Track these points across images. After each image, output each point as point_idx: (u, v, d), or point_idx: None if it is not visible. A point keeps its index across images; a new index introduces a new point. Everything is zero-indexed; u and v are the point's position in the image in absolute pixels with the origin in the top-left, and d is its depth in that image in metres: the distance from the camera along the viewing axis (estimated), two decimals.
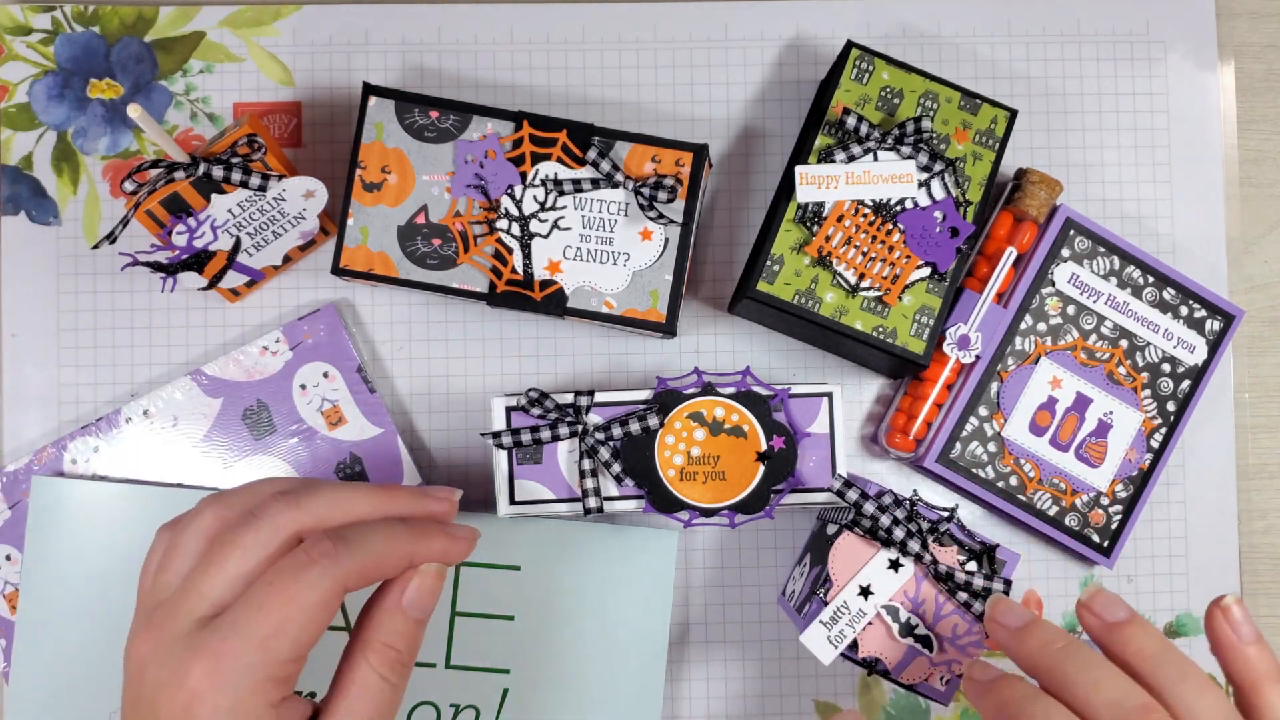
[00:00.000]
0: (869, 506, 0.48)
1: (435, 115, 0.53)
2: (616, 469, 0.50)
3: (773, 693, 0.57)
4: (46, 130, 0.57)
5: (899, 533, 0.48)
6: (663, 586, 0.55)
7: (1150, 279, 0.55)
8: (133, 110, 0.44)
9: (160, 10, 0.58)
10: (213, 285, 0.54)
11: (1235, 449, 0.59)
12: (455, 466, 0.57)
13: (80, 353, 0.57)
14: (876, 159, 0.52)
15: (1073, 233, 0.55)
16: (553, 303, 0.53)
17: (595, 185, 0.52)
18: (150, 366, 0.57)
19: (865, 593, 0.48)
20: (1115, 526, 0.55)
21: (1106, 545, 0.55)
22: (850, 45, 0.53)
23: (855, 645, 0.48)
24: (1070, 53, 0.59)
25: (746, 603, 0.57)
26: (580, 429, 0.50)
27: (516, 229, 0.52)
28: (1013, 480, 0.55)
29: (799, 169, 0.51)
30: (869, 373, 0.58)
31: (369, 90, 0.53)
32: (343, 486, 0.39)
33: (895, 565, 0.48)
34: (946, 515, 0.49)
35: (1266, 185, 0.61)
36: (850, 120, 0.52)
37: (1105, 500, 0.55)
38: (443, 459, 0.57)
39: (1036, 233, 0.55)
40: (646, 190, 0.52)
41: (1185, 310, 0.56)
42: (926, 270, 0.52)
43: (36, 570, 0.53)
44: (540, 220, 0.52)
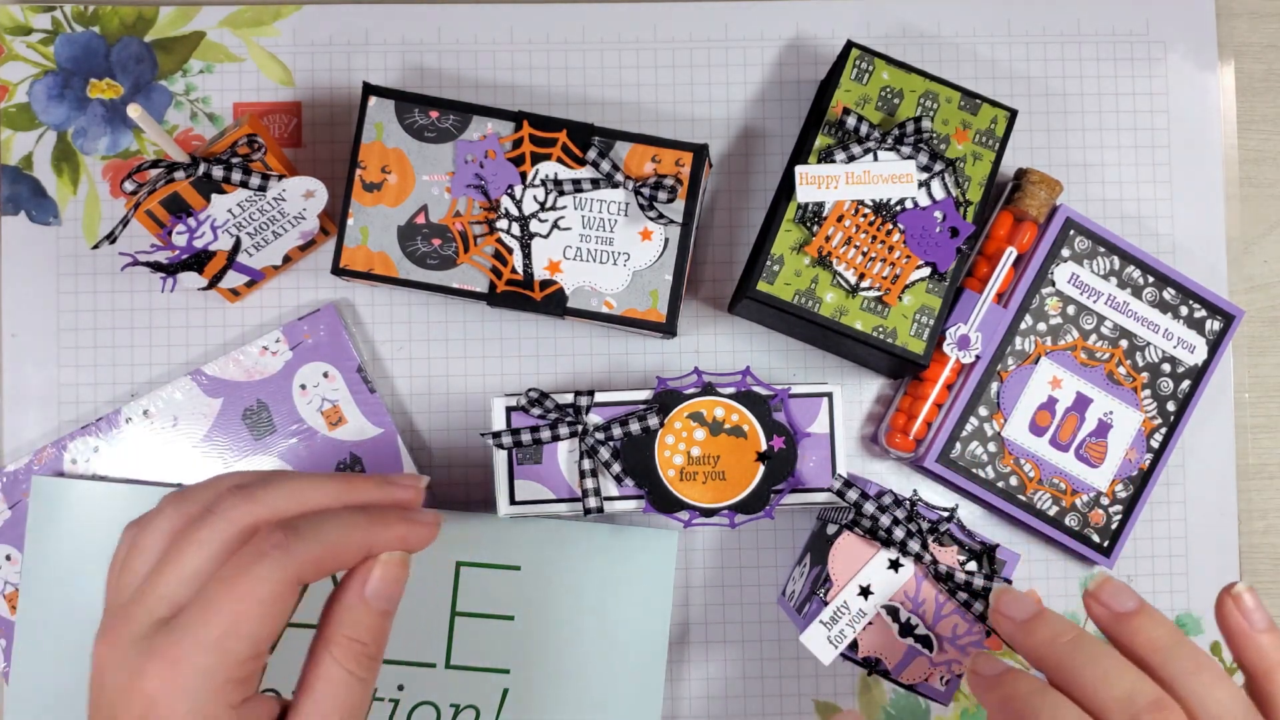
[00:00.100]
0: (869, 506, 0.48)
1: (435, 115, 0.53)
2: (616, 469, 0.50)
3: (773, 693, 0.57)
4: (46, 130, 0.57)
5: (899, 533, 0.48)
6: (663, 586, 0.55)
7: (1150, 279, 0.55)
8: (133, 110, 0.44)
9: (160, 10, 0.58)
10: (213, 285, 0.54)
11: (1235, 449, 0.59)
12: (455, 466, 0.57)
13: (80, 353, 0.57)
14: (876, 159, 0.52)
15: (1073, 233, 0.55)
16: (553, 303, 0.53)
17: (595, 185, 0.52)
18: (150, 366, 0.57)
19: (865, 593, 0.48)
20: (1115, 526, 0.55)
21: (1106, 545, 0.55)
22: (850, 45, 0.53)
23: (855, 645, 0.48)
24: (1070, 53, 0.59)
25: (746, 603, 0.57)
26: (580, 429, 0.50)
27: (516, 229, 0.52)
28: (1013, 480, 0.55)
29: (799, 169, 0.51)
30: (869, 373, 0.58)
31: (369, 90, 0.53)
32: (301, 477, 0.38)
33: (895, 565, 0.48)
34: (946, 515, 0.49)
35: (1266, 185, 0.61)
36: (850, 120, 0.52)
37: (1105, 500, 0.55)
38: (443, 459, 0.57)
39: (1036, 233, 0.55)
40: (646, 190, 0.52)
41: (1185, 310, 0.56)
42: (926, 270, 0.52)
43: (36, 570, 0.53)
44: (540, 220, 0.52)
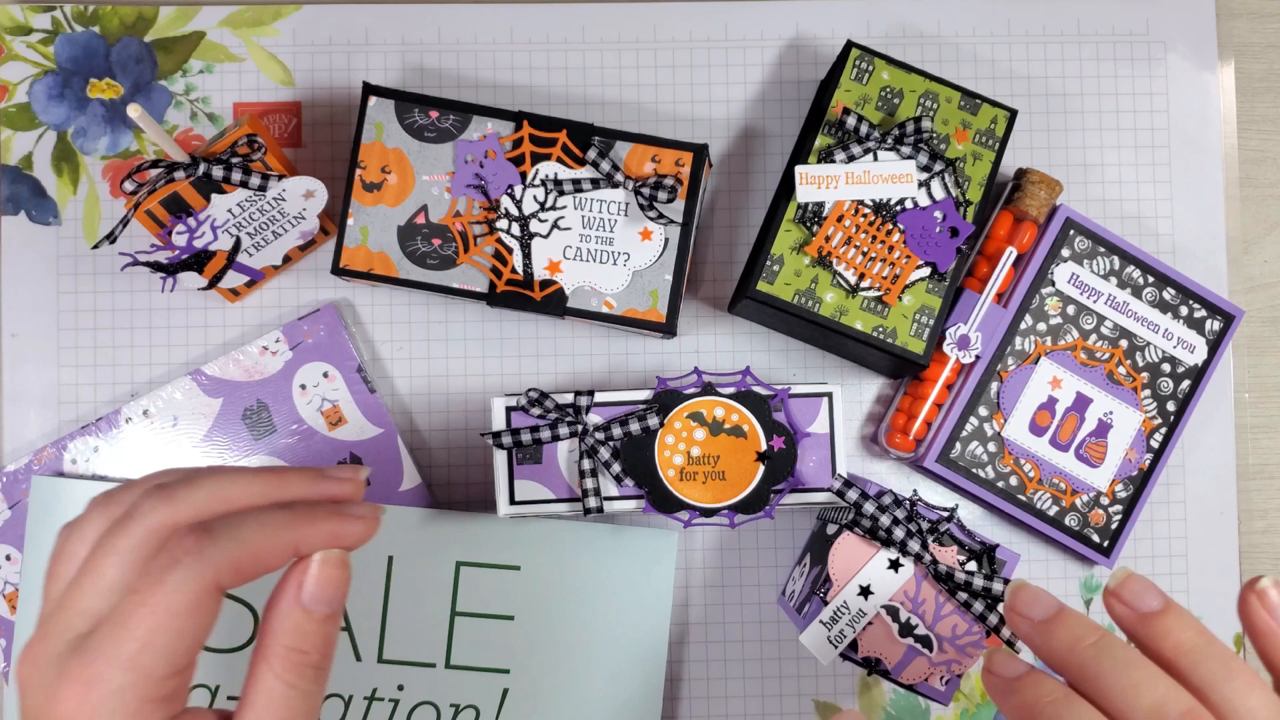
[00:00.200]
0: (869, 506, 0.48)
1: (435, 115, 0.53)
2: (616, 469, 0.50)
3: (773, 693, 0.57)
4: (46, 130, 0.57)
5: (899, 533, 0.48)
6: (663, 586, 0.55)
7: (1150, 279, 0.55)
8: (133, 110, 0.44)
9: (160, 10, 0.58)
10: (213, 285, 0.54)
11: (1235, 449, 0.59)
12: (455, 466, 0.57)
13: (80, 353, 0.57)
14: (876, 159, 0.52)
15: (1073, 233, 0.55)
16: (553, 303, 0.53)
17: (595, 185, 0.52)
18: (150, 366, 0.57)
19: (865, 593, 0.48)
20: (1115, 526, 0.55)
21: (1106, 545, 0.55)
22: (850, 45, 0.53)
23: (855, 645, 0.48)
24: (1070, 53, 0.59)
25: (746, 603, 0.57)
26: (580, 429, 0.50)
27: (516, 229, 0.52)
28: (1013, 480, 0.55)
29: (799, 169, 0.51)
30: (869, 373, 0.58)
31: (369, 90, 0.53)
32: (226, 473, 0.35)
33: (895, 565, 0.48)
34: (946, 515, 0.49)
35: (1266, 185, 0.61)
36: (850, 120, 0.52)
37: (1105, 500, 0.55)
38: (443, 459, 0.57)
39: (1036, 233, 0.55)
40: (646, 190, 0.52)
41: (1185, 310, 0.56)
42: (926, 270, 0.52)
43: (36, 570, 0.53)
44: (540, 220, 0.52)
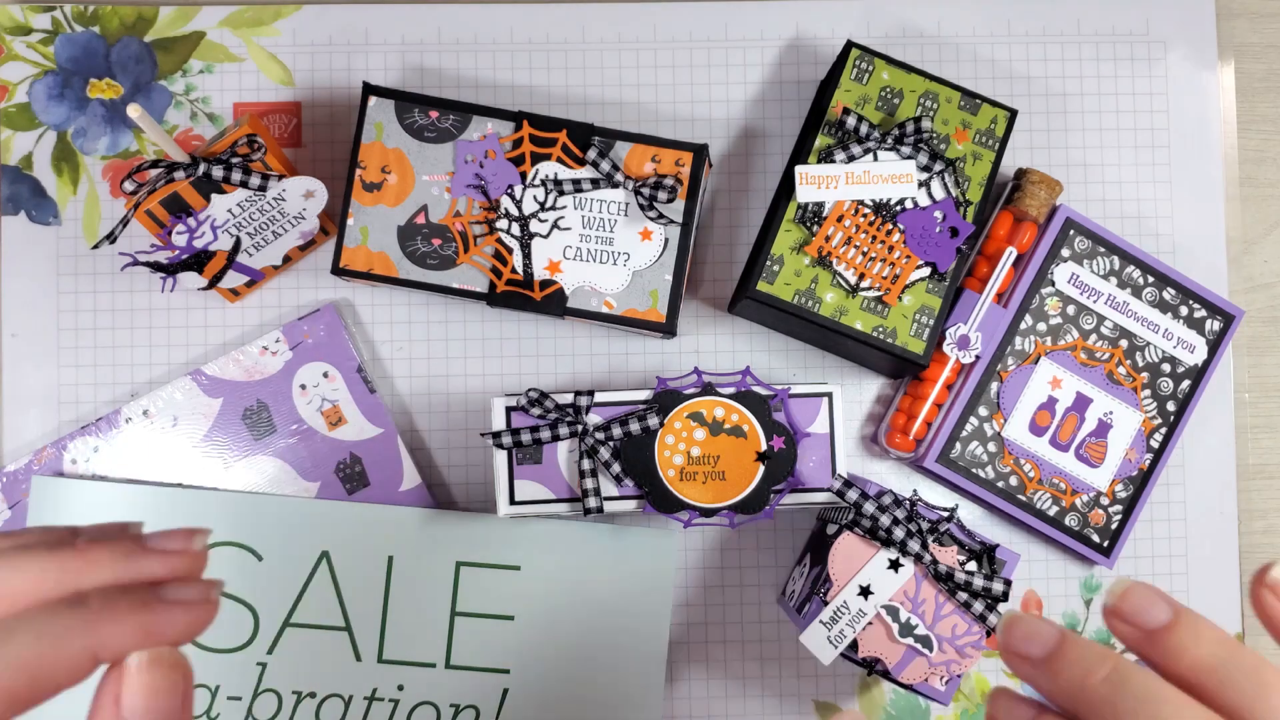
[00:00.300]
0: (869, 506, 0.48)
1: (435, 115, 0.53)
2: (616, 469, 0.50)
3: (773, 693, 0.57)
4: (46, 130, 0.57)
5: (899, 533, 0.48)
6: (663, 586, 0.55)
7: (1150, 279, 0.55)
8: (133, 110, 0.44)
9: (160, 10, 0.58)
10: (213, 285, 0.54)
11: (1235, 449, 0.59)
12: (455, 466, 0.57)
13: (80, 353, 0.57)
14: (876, 159, 0.52)
15: (1073, 233, 0.55)
16: (553, 303, 0.53)
17: (595, 185, 0.52)
18: (150, 366, 0.57)
19: (865, 593, 0.48)
20: (1115, 526, 0.55)
21: (1106, 545, 0.55)
22: (850, 45, 0.53)
23: (855, 645, 0.48)
24: (1070, 53, 0.59)
25: (746, 603, 0.57)
26: (580, 429, 0.50)
27: (516, 229, 0.52)
28: (1013, 480, 0.55)
29: (799, 169, 0.51)
30: (869, 373, 0.58)
31: (369, 90, 0.53)
32: (13, 558, 0.27)
33: (895, 565, 0.48)
34: (946, 515, 0.49)
35: (1266, 185, 0.61)
36: (850, 120, 0.52)
37: (1105, 500, 0.55)
38: (443, 459, 0.57)
39: (1036, 233, 0.55)
40: (646, 190, 0.52)
41: (1185, 310, 0.56)
42: (926, 270, 0.52)
43: None
44: (540, 220, 0.52)
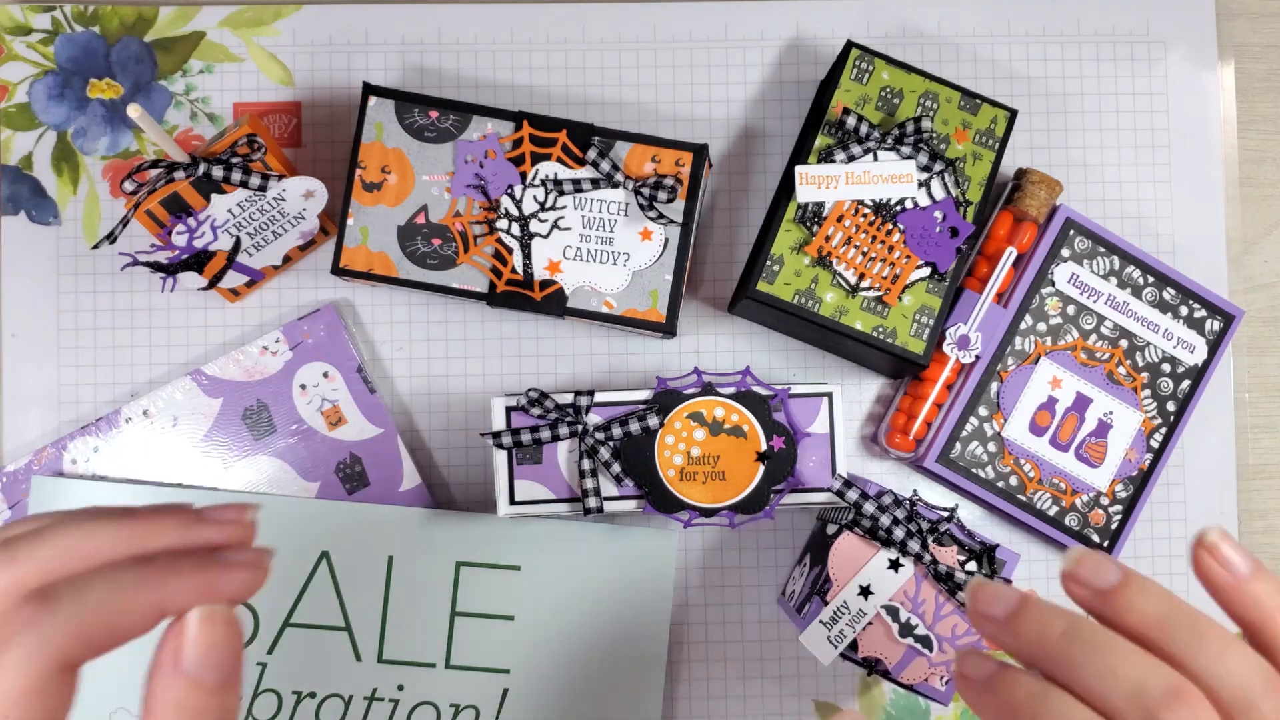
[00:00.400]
0: (869, 506, 0.48)
1: (435, 115, 0.53)
2: (616, 469, 0.50)
3: (773, 693, 0.57)
4: (46, 130, 0.57)
5: (899, 533, 0.48)
6: (663, 586, 0.55)
7: (1150, 279, 0.55)
8: (133, 110, 0.44)
9: (160, 10, 0.58)
10: (213, 285, 0.54)
11: (1235, 449, 0.59)
12: (455, 466, 0.57)
13: (80, 353, 0.57)
14: (876, 159, 0.52)
15: (1073, 233, 0.55)
16: (553, 303, 0.53)
17: (595, 185, 0.52)
18: (150, 366, 0.57)
19: (865, 593, 0.48)
20: (1115, 526, 0.55)
21: (1106, 545, 0.55)
22: (850, 45, 0.53)
23: (855, 645, 0.48)
24: (1070, 53, 0.59)
25: (746, 603, 0.57)
26: (580, 429, 0.50)
27: (516, 229, 0.52)
28: (1013, 480, 0.55)
29: (799, 169, 0.51)
30: (869, 373, 0.58)
31: (369, 90, 0.53)
32: (85, 522, 0.31)
33: (895, 565, 0.48)
34: (946, 515, 0.49)
35: (1266, 185, 0.61)
36: (850, 120, 0.52)
37: (1105, 500, 0.55)
38: (443, 459, 0.57)
39: (1036, 233, 0.55)
40: (646, 190, 0.52)
41: (1185, 310, 0.56)
42: (926, 270, 0.52)
43: None
44: (540, 220, 0.52)
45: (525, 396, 0.50)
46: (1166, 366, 0.55)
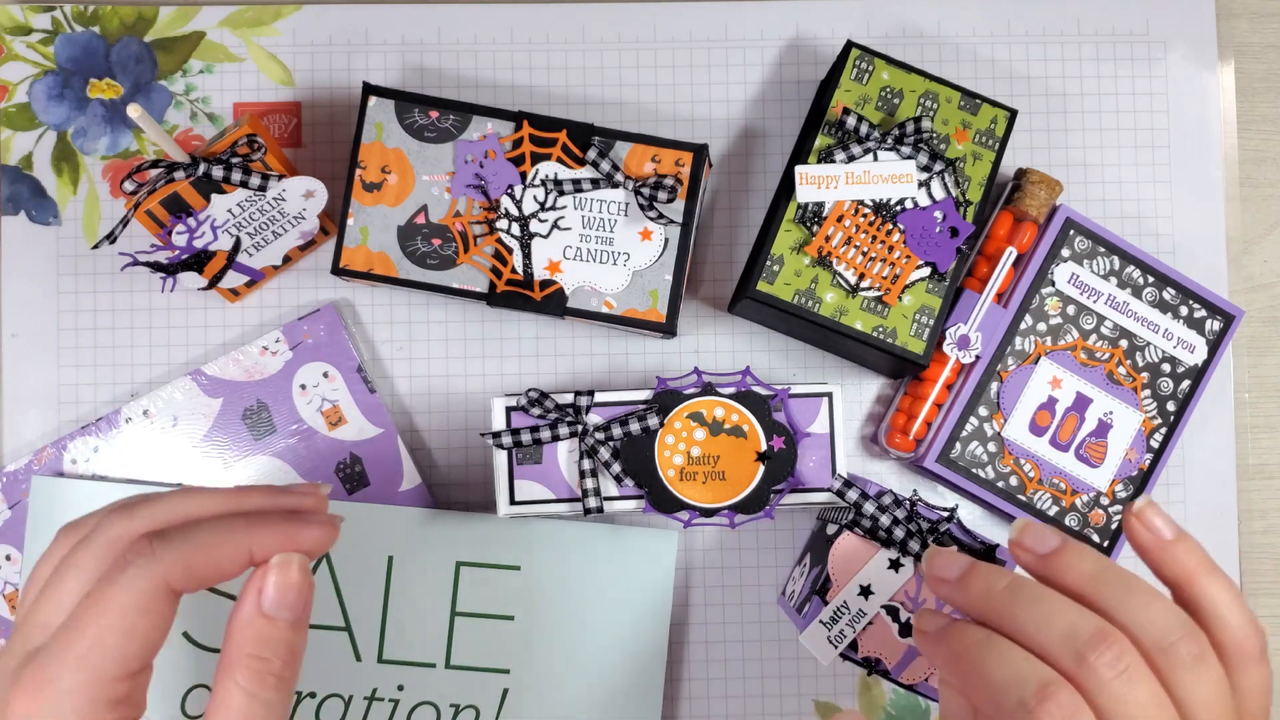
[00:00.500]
0: (869, 506, 0.48)
1: (435, 115, 0.53)
2: (616, 469, 0.50)
3: (773, 693, 0.57)
4: (46, 130, 0.57)
5: (899, 533, 0.48)
6: (663, 586, 0.55)
7: (1150, 279, 0.55)
8: (133, 110, 0.44)
9: (160, 10, 0.58)
10: (213, 285, 0.54)
11: (1235, 449, 0.59)
12: (455, 466, 0.57)
13: (80, 353, 0.57)
14: (876, 159, 0.52)
15: (1073, 233, 0.55)
16: (553, 303, 0.53)
17: (595, 185, 0.52)
18: (150, 366, 0.57)
19: (865, 593, 0.48)
20: (1115, 526, 0.55)
21: (1106, 545, 0.55)
22: (850, 45, 0.53)
23: (855, 645, 0.48)
24: (1070, 53, 0.59)
25: (746, 603, 0.57)
26: (580, 429, 0.50)
27: (516, 229, 0.52)
28: (1013, 480, 0.55)
29: (799, 169, 0.51)
30: (869, 373, 0.58)
31: (369, 90, 0.53)
32: (188, 490, 0.37)
33: (895, 565, 0.48)
34: (946, 515, 0.49)
35: (1266, 185, 0.61)
36: (850, 120, 0.52)
37: (1105, 500, 0.55)
38: (443, 459, 0.57)
39: (1036, 233, 0.55)
40: (646, 190, 0.52)
41: (1185, 310, 0.56)
42: (926, 270, 0.52)
43: None
44: (540, 220, 0.52)
45: (525, 396, 0.50)
46: (1166, 366, 0.55)
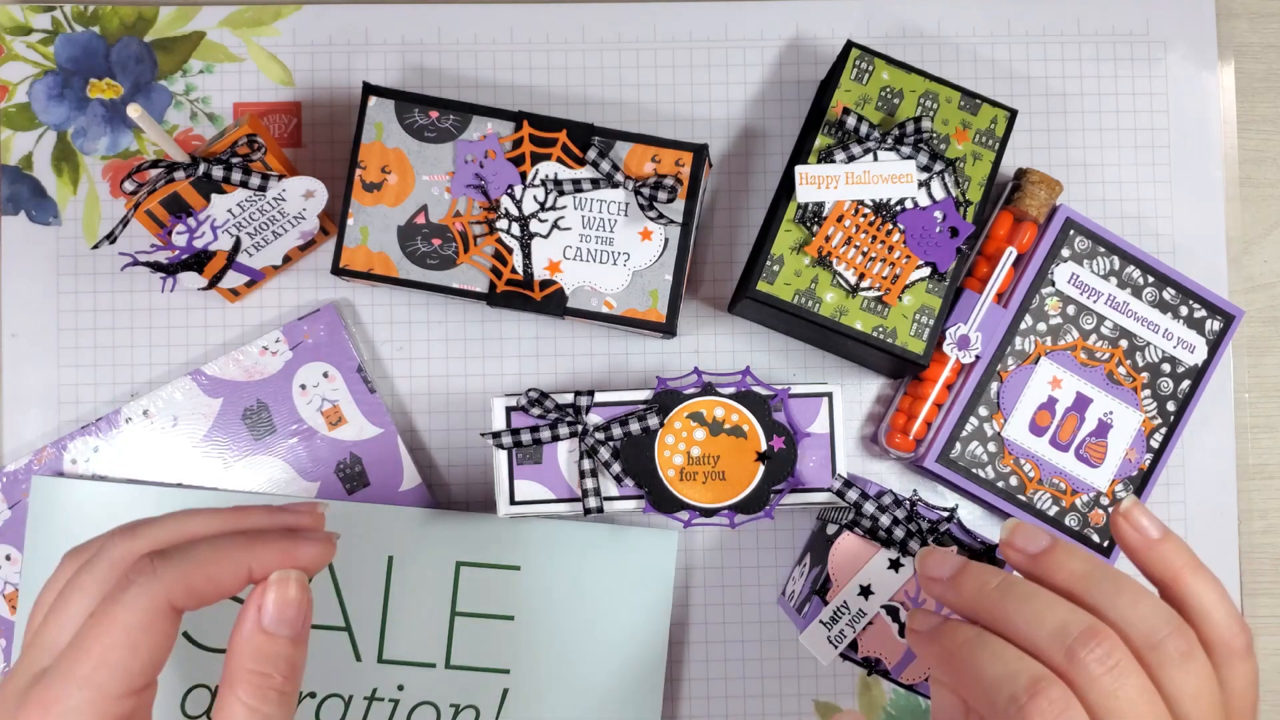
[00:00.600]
0: (869, 506, 0.48)
1: (435, 115, 0.53)
2: (616, 469, 0.50)
3: (773, 693, 0.57)
4: (46, 130, 0.57)
5: (899, 533, 0.48)
6: (663, 586, 0.55)
7: (1150, 279, 0.55)
8: (133, 110, 0.44)
9: (160, 10, 0.58)
10: (213, 285, 0.54)
11: (1235, 449, 0.59)
12: (455, 466, 0.57)
13: (80, 353, 0.57)
14: (876, 159, 0.52)
15: (1073, 233, 0.55)
16: (553, 303, 0.53)
17: (595, 185, 0.52)
18: (150, 366, 0.57)
19: (865, 593, 0.48)
20: None
21: (1106, 545, 0.55)
22: (850, 45, 0.53)
23: (855, 645, 0.48)
24: (1070, 53, 0.59)
25: (746, 603, 0.57)
26: (580, 429, 0.50)
27: (516, 229, 0.52)
28: (1013, 480, 0.55)
29: (799, 169, 0.51)
30: (869, 373, 0.58)
31: (369, 90, 0.53)
32: (189, 511, 0.38)
33: (895, 565, 0.48)
34: (946, 515, 0.49)
35: (1266, 185, 0.61)
36: (850, 120, 0.52)
37: (1105, 500, 0.55)
38: (443, 459, 0.57)
39: (1036, 233, 0.55)
40: (646, 190, 0.52)
41: (1185, 310, 0.56)
42: (926, 270, 0.52)
43: (36, 570, 0.53)
44: (540, 220, 0.52)
45: (525, 396, 0.50)
46: (1166, 366, 0.55)
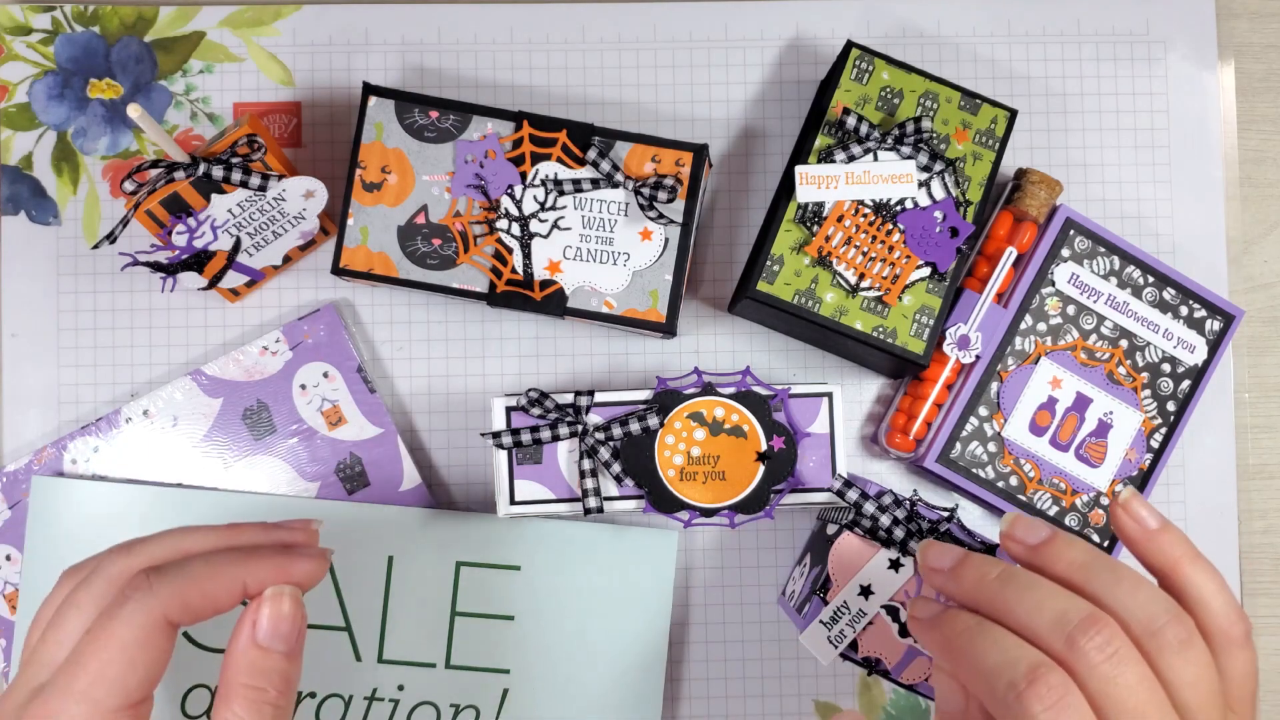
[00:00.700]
0: (869, 506, 0.48)
1: (435, 115, 0.53)
2: (616, 469, 0.50)
3: (773, 693, 0.57)
4: (46, 130, 0.57)
5: (899, 533, 0.48)
6: (663, 586, 0.55)
7: (1150, 279, 0.55)
8: (133, 110, 0.44)
9: (160, 10, 0.58)
10: (213, 285, 0.54)
11: (1235, 449, 0.59)
12: (455, 466, 0.57)
13: (80, 353, 0.57)
14: (876, 159, 0.52)
15: (1073, 233, 0.55)
16: (553, 303, 0.53)
17: (595, 185, 0.52)
18: (150, 366, 0.57)
19: (865, 593, 0.48)
20: None
21: (1106, 546, 0.55)
22: (850, 45, 0.53)
23: (855, 645, 0.48)
24: (1070, 53, 0.59)
25: (746, 603, 0.57)
26: (580, 429, 0.50)
27: (516, 229, 0.52)
28: (1013, 480, 0.55)
29: (799, 169, 0.51)
30: (869, 373, 0.58)
31: (369, 90, 0.53)
32: (184, 528, 0.39)
33: (895, 565, 0.48)
34: (946, 515, 0.49)
35: (1266, 185, 0.61)
36: (850, 120, 0.52)
37: (1105, 500, 0.55)
38: (443, 459, 0.57)
39: (1036, 233, 0.55)
40: (646, 190, 0.52)
41: (1185, 310, 0.56)
42: (926, 270, 0.52)
43: (36, 570, 0.53)
44: (540, 220, 0.52)
45: (525, 396, 0.50)
46: (1166, 366, 0.55)
